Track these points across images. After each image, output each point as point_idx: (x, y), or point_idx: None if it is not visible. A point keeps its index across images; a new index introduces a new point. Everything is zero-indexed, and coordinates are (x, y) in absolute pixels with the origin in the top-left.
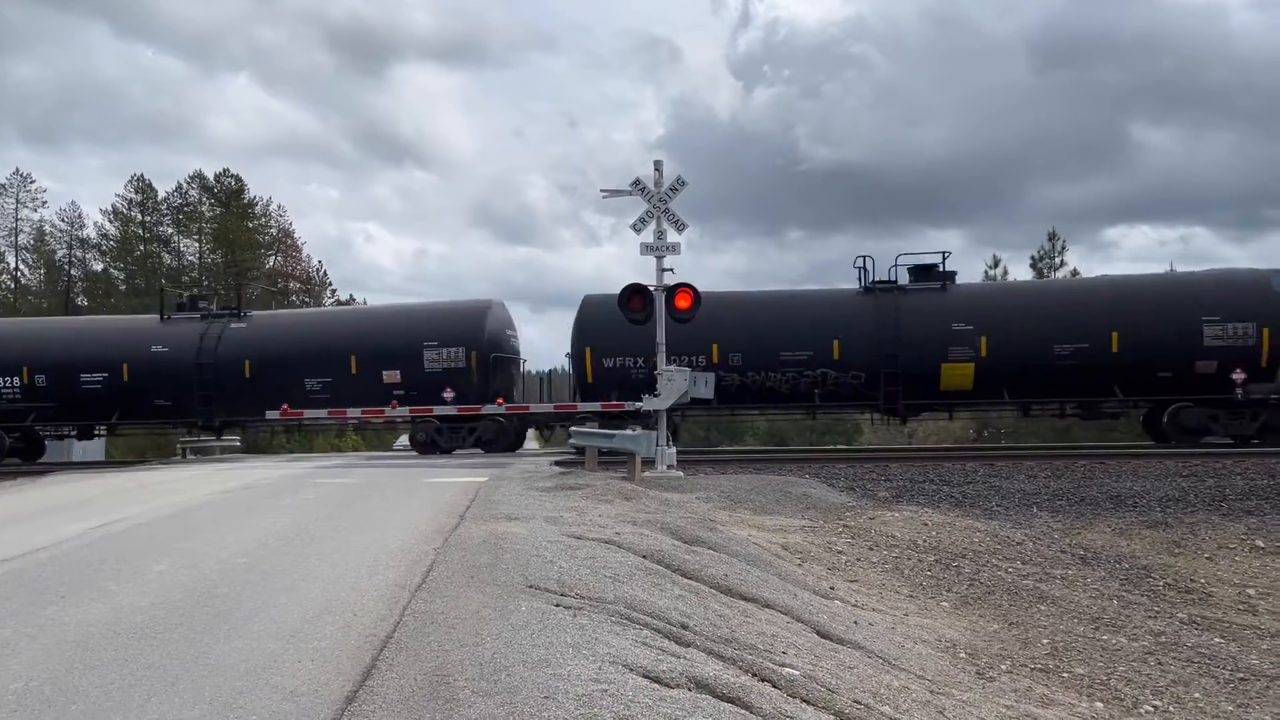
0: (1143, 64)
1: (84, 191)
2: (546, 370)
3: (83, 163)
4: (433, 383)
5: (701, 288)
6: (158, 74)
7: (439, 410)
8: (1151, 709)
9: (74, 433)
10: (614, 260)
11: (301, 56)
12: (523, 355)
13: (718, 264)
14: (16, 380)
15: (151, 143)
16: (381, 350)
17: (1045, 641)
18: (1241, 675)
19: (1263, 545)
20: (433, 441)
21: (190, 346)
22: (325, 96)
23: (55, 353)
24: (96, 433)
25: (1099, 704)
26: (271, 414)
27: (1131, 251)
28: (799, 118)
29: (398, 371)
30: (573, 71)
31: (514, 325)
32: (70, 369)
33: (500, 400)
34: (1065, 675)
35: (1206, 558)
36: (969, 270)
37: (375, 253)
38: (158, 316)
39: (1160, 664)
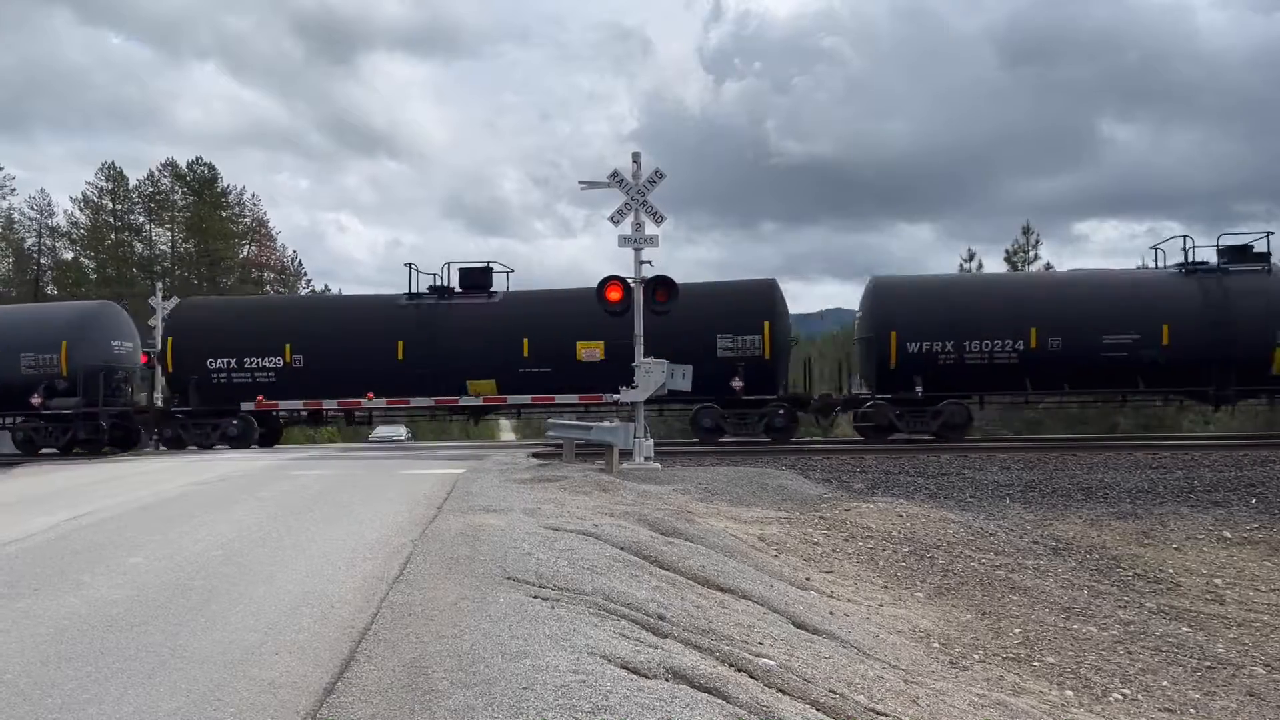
0: (1107, 60)
1: (49, 179)
2: None
3: (47, 149)
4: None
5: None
6: (123, 61)
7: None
8: (1120, 697)
9: None
10: (588, 251)
11: (270, 45)
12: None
13: (692, 255)
14: None
15: (118, 130)
16: None
17: (1017, 631)
18: (1209, 664)
19: (1230, 536)
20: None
21: None
22: (294, 85)
23: None
24: None
25: (1069, 692)
26: None
27: (1102, 245)
28: (769, 111)
29: None
30: (545, 64)
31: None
32: None
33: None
34: (1036, 664)
35: (1175, 548)
36: (945, 263)
37: (348, 243)
38: None
39: (1129, 653)
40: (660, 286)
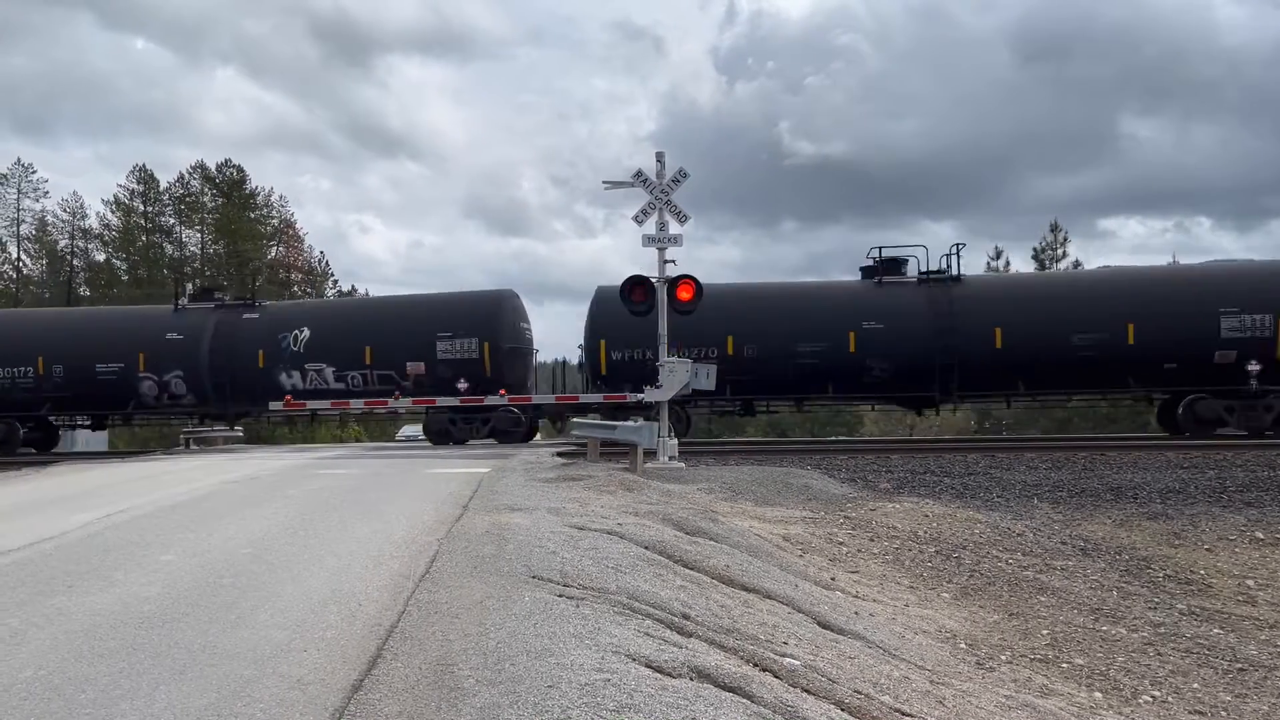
0: (1124, 57)
1: (76, 183)
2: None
3: (74, 153)
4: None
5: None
6: (147, 65)
7: (442, 400)
8: (1150, 699)
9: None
10: (609, 251)
11: (288, 48)
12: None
13: (713, 255)
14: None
15: (143, 134)
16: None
17: (1045, 632)
18: (1240, 666)
19: (1262, 537)
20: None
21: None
22: (313, 88)
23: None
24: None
25: (1098, 694)
26: (275, 405)
27: (1131, 241)
28: (783, 111)
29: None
30: (560, 65)
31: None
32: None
33: (503, 391)
34: (1065, 665)
35: (1206, 549)
36: (972, 262)
37: (370, 244)
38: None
39: (1159, 655)
40: (682, 285)
